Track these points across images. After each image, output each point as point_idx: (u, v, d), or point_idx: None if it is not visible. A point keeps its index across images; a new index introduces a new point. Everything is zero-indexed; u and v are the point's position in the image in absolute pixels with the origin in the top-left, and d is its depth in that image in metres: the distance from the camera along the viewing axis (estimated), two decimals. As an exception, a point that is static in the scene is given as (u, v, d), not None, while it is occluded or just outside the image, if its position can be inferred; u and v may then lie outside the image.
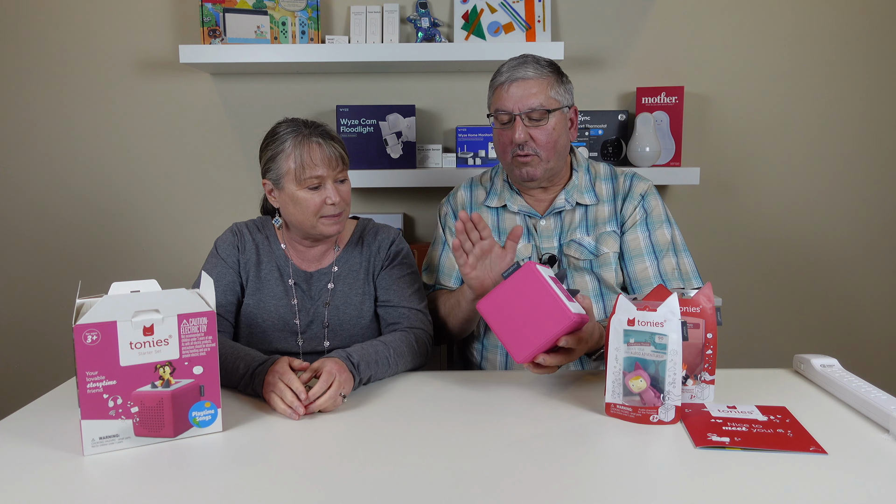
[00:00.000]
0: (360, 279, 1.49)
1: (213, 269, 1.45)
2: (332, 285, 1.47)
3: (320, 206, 1.38)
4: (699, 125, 2.24)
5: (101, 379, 0.99)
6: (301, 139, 1.38)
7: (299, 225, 1.42)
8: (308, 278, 1.48)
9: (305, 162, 1.36)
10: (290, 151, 1.37)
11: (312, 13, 2.09)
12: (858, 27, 2.19)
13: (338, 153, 1.39)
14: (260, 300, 1.45)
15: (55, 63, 2.20)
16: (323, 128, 1.42)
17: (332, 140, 1.40)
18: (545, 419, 1.11)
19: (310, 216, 1.39)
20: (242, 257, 1.48)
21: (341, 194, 1.40)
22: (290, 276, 1.47)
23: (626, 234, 1.53)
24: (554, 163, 1.50)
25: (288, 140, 1.38)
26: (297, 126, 1.40)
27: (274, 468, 0.95)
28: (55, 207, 2.26)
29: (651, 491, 0.87)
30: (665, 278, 1.49)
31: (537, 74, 1.46)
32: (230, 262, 1.46)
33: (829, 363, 1.29)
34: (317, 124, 1.43)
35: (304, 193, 1.38)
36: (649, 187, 1.56)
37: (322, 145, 1.38)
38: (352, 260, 1.50)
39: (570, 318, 1.13)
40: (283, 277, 1.47)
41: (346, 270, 1.49)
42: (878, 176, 2.26)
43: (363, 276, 1.49)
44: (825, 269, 2.31)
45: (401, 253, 1.53)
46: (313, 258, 1.50)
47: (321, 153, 1.37)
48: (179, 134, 2.24)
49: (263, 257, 1.48)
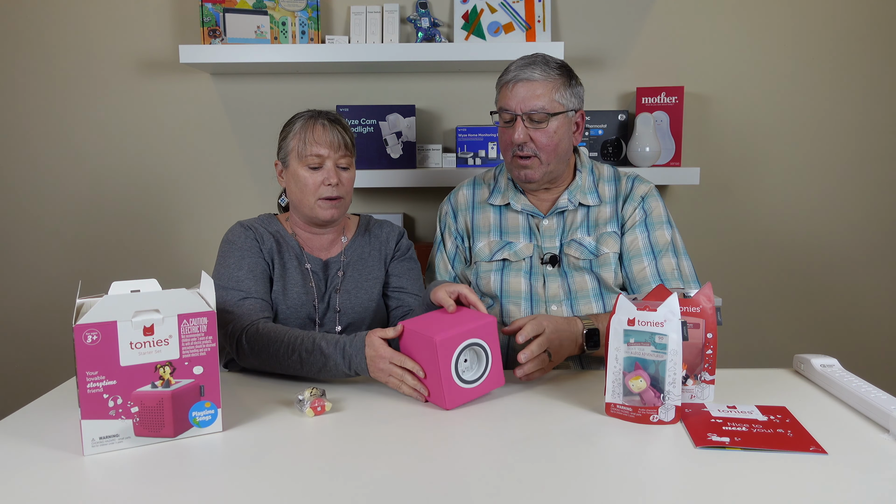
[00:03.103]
0: (371, 265, 1.54)
1: (244, 261, 1.43)
2: (342, 273, 1.52)
3: (318, 186, 1.43)
4: (699, 125, 2.24)
5: (101, 379, 0.99)
6: (309, 120, 1.46)
7: (299, 205, 1.47)
8: (324, 266, 1.52)
9: (307, 139, 1.43)
10: (297, 131, 1.46)
11: (312, 13, 2.09)
12: (858, 27, 2.19)
13: (341, 138, 1.45)
14: (283, 287, 1.46)
15: (55, 63, 2.20)
16: (334, 115, 1.49)
17: (339, 125, 1.46)
18: (545, 419, 1.11)
19: (308, 196, 1.44)
20: (265, 247, 1.48)
21: (341, 179, 1.45)
22: (306, 261, 1.50)
23: (625, 235, 1.53)
24: (554, 166, 1.50)
25: (298, 122, 1.48)
26: (311, 112, 1.49)
27: (274, 468, 0.95)
28: (55, 207, 2.26)
29: (651, 491, 0.87)
30: (664, 278, 1.49)
31: (544, 77, 1.46)
32: (255, 253, 1.45)
33: (829, 363, 1.29)
34: (330, 112, 1.50)
35: (304, 171, 1.44)
36: (651, 189, 1.57)
37: (327, 127, 1.44)
38: (360, 249, 1.55)
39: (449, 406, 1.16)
40: (300, 264, 1.50)
41: (355, 258, 1.54)
42: (878, 176, 2.26)
43: (374, 262, 1.55)
44: (825, 269, 2.31)
45: (410, 249, 1.61)
46: (321, 247, 1.53)
47: (324, 134, 1.43)
48: (179, 134, 2.24)
49: (283, 247, 1.50)
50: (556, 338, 1.29)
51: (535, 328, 1.25)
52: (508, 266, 1.54)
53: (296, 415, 1.14)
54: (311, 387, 1.17)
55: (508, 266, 1.54)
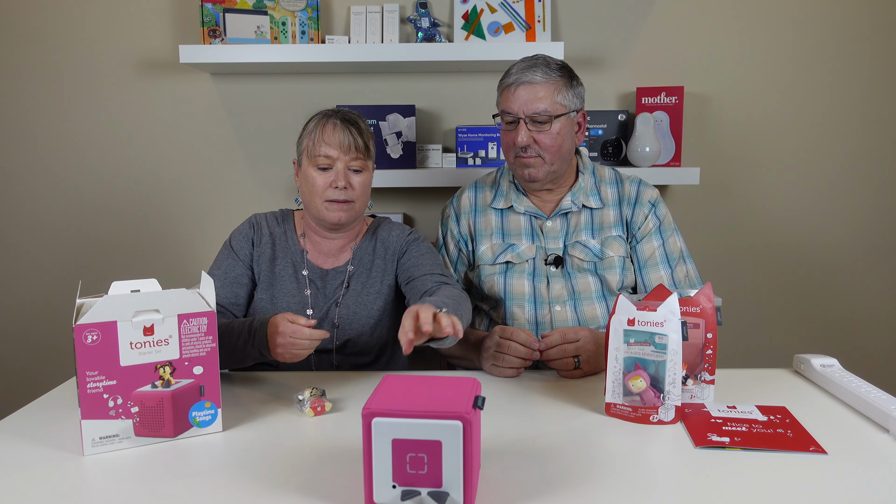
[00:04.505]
0: (374, 276, 1.49)
1: (224, 261, 1.46)
2: (346, 286, 1.48)
3: (325, 187, 1.40)
4: (699, 125, 2.24)
5: (101, 379, 0.99)
6: (323, 119, 1.43)
7: (308, 205, 1.45)
8: (323, 276, 1.48)
9: (317, 140, 1.41)
10: (311, 129, 1.44)
11: (312, 13, 2.09)
12: (859, 27, 2.19)
13: (353, 140, 1.41)
14: (273, 295, 1.45)
15: (55, 63, 2.20)
16: (349, 115, 1.45)
17: (353, 126, 1.42)
18: (545, 419, 1.11)
19: (316, 197, 1.42)
20: (257, 251, 1.48)
21: (352, 182, 1.42)
22: (304, 268, 1.48)
23: (640, 243, 1.55)
24: (557, 166, 1.50)
25: (314, 120, 1.45)
26: (328, 111, 1.47)
27: (274, 468, 0.95)
28: (55, 207, 2.26)
29: (651, 491, 0.87)
30: (679, 286, 1.53)
31: (545, 79, 1.46)
32: (241, 256, 1.47)
33: (829, 363, 1.29)
34: (348, 111, 1.46)
35: (313, 171, 1.42)
36: (658, 194, 1.59)
37: (338, 127, 1.41)
38: (366, 257, 1.51)
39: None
40: (297, 271, 1.48)
41: (361, 269, 1.50)
42: (878, 175, 2.26)
43: (377, 272, 1.49)
44: (825, 268, 2.31)
45: (419, 238, 1.54)
46: (330, 252, 1.50)
47: (335, 135, 1.40)
48: (179, 134, 2.24)
49: (279, 252, 1.49)
50: (594, 349, 1.32)
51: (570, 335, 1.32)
52: (512, 268, 1.54)
53: (296, 415, 1.14)
54: (311, 387, 1.17)
55: (512, 268, 1.54)
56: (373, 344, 1.47)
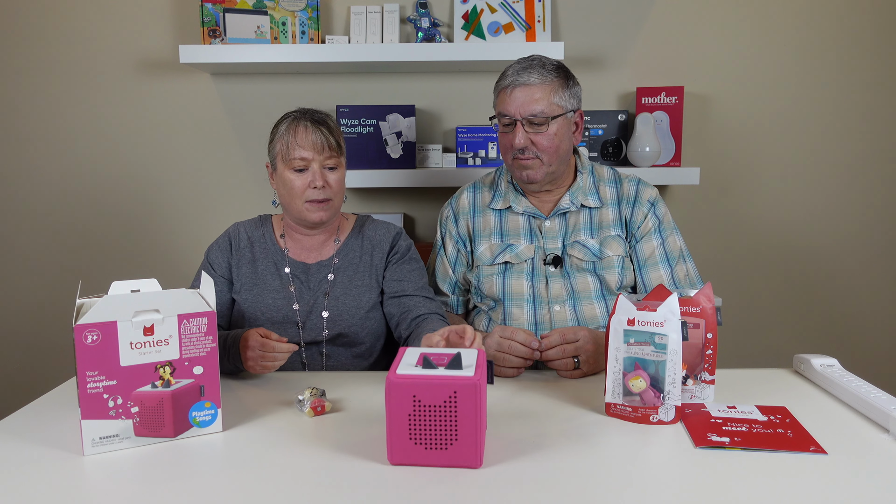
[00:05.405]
0: (361, 270, 1.51)
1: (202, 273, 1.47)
2: (332, 276, 1.50)
3: (304, 189, 1.43)
4: (699, 125, 2.24)
5: (101, 379, 0.99)
6: (293, 122, 1.45)
7: (288, 207, 1.47)
8: (306, 269, 1.51)
9: (290, 143, 1.43)
10: (282, 133, 1.45)
11: (312, 13, 2.09)
12: (859, 27, 2.19)
13: (325, 139, 1.43)
14: (258, 295, 1.47)
15: (55, 63, 2.20)
16: (318, 114, 1.47)
17: (323, 126, 1.45)
18: (545, 419, 1.11)
19: (295, 199, 1.44)
20: (235, 256, 1.51)
21: (328, 181, 1.44)
22: (285, 266, 1.50)
23: (640, 243, 1.54)
24: (556, 166, 1.50)
25: (284, 123, 1.47)
26: (297, 112, 1.48)
27: (274, 468, 0.95)
28: (55, 207, 2.26)
29: (651, 491, 0.87)
30: (679, 285, 1.53)
31: (541, 80, 1.46)
32: (218, 268, 1.51)
33: (829, 363, 1.29)
34: (315, 111, 1.48)
35: (290, 174, 1.44)
36: (657, 193, 1.58)
37: (309, 129, 1.43)
38: (352, 252, 1.53)
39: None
40: (279, 269, 1.50)
41: (346, 262, 1.52)
42: (879, 176, 2.26)
43: (364, 267, 1.52)
44: (825, 268, 2.31)
45: (410, 249, 1.56)
46: (312, 248, 1.53)
47: (307, 136, 1.43)
48: (179, 134, 2.24)
49: (258, 254, 1.52)
50: (593, 349, 1.32)
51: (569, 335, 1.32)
52: (510, 269, 1.54)
53: (296, 415, 1.14)
54: (310, 387, 1.17)
55: (510, 269, 1.54)
56: (364, 334, 1.48)
